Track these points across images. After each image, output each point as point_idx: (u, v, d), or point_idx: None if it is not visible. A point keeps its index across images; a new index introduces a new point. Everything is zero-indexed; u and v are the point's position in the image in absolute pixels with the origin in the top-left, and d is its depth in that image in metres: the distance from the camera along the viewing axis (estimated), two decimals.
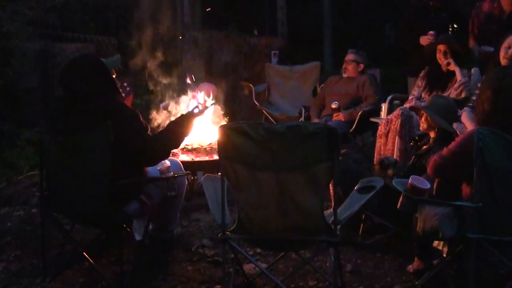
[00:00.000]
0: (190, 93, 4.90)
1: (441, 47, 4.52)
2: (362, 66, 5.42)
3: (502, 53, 3.74)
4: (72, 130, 2.89)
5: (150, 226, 3.46)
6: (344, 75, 5.52)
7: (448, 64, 4.47)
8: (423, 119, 3.49)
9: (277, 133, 2.48)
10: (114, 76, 3.14)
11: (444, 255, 2.95)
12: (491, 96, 2.72)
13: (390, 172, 3.36)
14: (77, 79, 2.95)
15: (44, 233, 3.17)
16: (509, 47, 3.71)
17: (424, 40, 5.18)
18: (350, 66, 5.45)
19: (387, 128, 4.21)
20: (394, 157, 3.97)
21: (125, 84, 5.26)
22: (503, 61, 3.73)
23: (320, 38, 9.99)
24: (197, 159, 4.16)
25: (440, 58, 4.52)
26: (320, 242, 2.75)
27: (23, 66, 6.17)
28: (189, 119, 3.22)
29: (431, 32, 5.14)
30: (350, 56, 5.47)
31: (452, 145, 2.84)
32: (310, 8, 10.36)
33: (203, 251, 3.53)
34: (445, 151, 2.85)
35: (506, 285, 2.85)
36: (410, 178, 2.86)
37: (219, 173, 2.73)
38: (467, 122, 3.47)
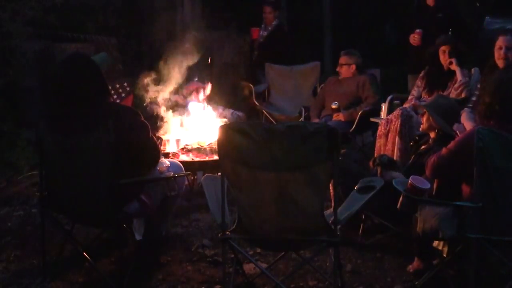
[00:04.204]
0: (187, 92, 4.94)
1: (444, 48, 4.52)
2: (353, 67, 5.43)
3: (496, 55, 3.77)
4: (72, 130, 2.89)
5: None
6: (340, 78, 5.55)
7: (450, 63, 4.48)
8: (424, 118, 3.48)
9: (277, 133, 2.48)
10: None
11: (444, 255, 2.95)
12: (493, 90, 2.73)
13: (379, 171, 3.38)
14: (69, 80, 2.95)
15: (44, 233, 3.17)
16: (500, 48, 3.75)
17: (411, 38, 5.23)
18: (342, 69, 5.50)
19: (387, 128, 4.21)
20: (394, 157, 3.97)
21: (125, 84, 5.28)
22: (498, 62, 3.77)
23: (320, 38, 9.98)
24: (197, 159, 4.16)
25: (444, 59, 4.52)
26: (320, 242, 2.75)
27: (23, 66, 6.16)
28: None
29: (418, 30, 5.18)
30: (341, 60, 5.51)
31: (451, 144, 2.84)
32: (310, 8, 10.35)
33: (203, 251, 3.53)
34: (444, 150, 2.86)
35: (506, 285, 2.85)
36: (410, 178, 2.86)
37: (219, 173, 2.73)
38: (466, 123, 3.48)
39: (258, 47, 7.08)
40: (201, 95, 4.95)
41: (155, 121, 4.65)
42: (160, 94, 4.78)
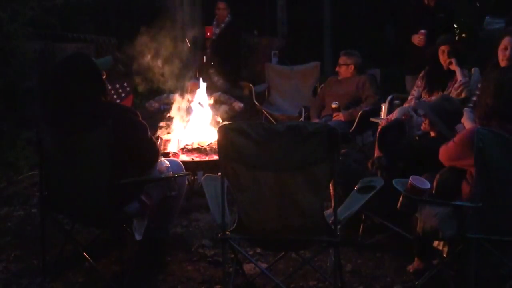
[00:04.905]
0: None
1: (443, 48, 4.52)
2: (352, 67, 5.44)
3: (500, 55, 3.73)
4: (72, 130, 2.89)
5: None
6: (340, 78, 5.56)
7: (450, 63, 4.47)
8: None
9: (277, 133, 2.48)
10: (104, 77, 3.12)
11: (444, 255, 2.95)
12: (494, 90, 2.72)
13: (378, 174, 3.39)
14: (68, 80, 2.94)
15: (44, 233, 3.17)
16: (506, 49, 3.71)
17: (415, 39, 5.23)
18: (341, 69, 5.53)
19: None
20: None
21: (125, 84, 5.28)
22: (502, 63, 3.73)
23: (320, 38, 9.99)
24: (197, 159, 4.16)
25: (443, 59, 4.52)
26: (320, 242, 2.75)
27: (23, 66, 6.17)
28: None
29: (422, 31, 5.18)
30: (340, 60, 5.54)
31: (457, 137, 2.85)
32: (310, 8, 10.36)
33: (203, 251, 3.53)
34: (450, 143, 2.85)
35: (506, 285, 2.85)
36: (410, 178, 2.86)
37: (219, 173, 2.73)
38: (466, 123, 3.47)
39: (210, 45, 6.96)
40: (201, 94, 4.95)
41: (155, 118, 4.65)
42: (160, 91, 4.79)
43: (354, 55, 5.51)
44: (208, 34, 6.92)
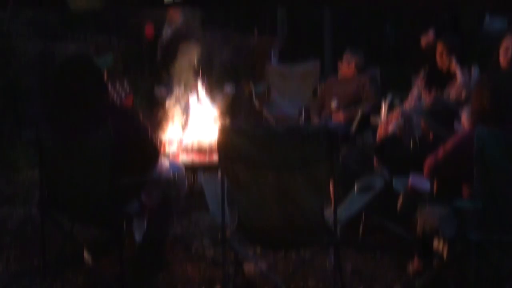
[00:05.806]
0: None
1: (442, 48, 4.52)
2: (353, 65, 5.46)
3: (502, 56, 3.73)
4: (72, 131, 2.89)
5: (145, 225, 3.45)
6: (340, 75, 5.57)
7: (450, 63, 4.47)
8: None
9: (277, 134, 2.48)
10: (105, 77, 3.12)
11: (444, 256, 2.95)
12: (490, 94, 2.72)
13: None
14: (69, 81, 2.95)
15: (44, 233, 3.17)
16: (508, 49, 3.71)
17: (424, 40, 5.23)
18: (343, 66, 5.55)
19: (387, 129, 4.20)
20: None
21: (125, 84, 5.28)
22: (503, 63, 3.73)
23: (320, 38, 9.98)
24: (197, 159, 4.16)
25: (439, 58, 4.52)
26: (320, 242, 2.75)
27: (23, 66, 6.17)
28: None
29: (431, 33, 5.18)
30: (344, 56, 5.54)
31: (448, 145, 2.83)
32: (310, 8, 10.35)
33: (203, 251, 3.53)
34: (440, 152, 2.85)
35: (506, 286, 2.85)
36: (410, 178, 2.86)
37: (219, 173, 2.73)
38: (466, 123, 3.47)
39: (164, 47, 6.57)
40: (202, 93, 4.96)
41: (161, 107, 4.65)
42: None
43: (357, 54, 5.53)
44: (149, 34, 6.42)
